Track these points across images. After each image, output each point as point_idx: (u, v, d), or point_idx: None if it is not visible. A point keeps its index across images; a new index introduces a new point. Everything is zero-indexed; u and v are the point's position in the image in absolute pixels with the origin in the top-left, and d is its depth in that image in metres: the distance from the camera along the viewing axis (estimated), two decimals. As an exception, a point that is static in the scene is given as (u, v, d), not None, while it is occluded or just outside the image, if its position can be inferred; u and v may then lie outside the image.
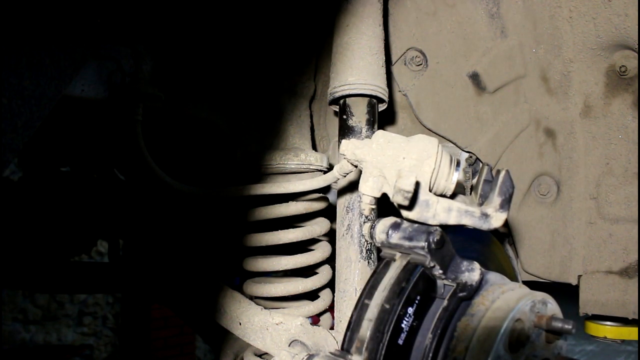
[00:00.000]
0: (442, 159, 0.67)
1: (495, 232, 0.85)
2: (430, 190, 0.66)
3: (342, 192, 1.07)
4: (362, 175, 0.68)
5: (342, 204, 1.07)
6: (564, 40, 1.15)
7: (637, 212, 1.19)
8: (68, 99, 0.95)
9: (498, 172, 0.65)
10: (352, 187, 1.04)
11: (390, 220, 0.72)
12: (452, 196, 0.70)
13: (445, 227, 0.68)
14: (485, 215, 0.61)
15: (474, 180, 0.73)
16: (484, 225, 0.61)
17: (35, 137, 0.89)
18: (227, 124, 1.32)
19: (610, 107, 1.18)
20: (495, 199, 0.61)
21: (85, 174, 2.14)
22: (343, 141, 0.72)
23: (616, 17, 1.08)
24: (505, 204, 0.61)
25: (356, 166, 0.73)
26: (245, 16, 1.24)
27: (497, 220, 0.61)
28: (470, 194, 0.73)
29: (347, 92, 1.03)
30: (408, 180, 0.60)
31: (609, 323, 1.50)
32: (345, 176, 0.80)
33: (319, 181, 0.92)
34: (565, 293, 1.30)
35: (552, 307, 1.11)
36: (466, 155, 1.28)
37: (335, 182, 1.19)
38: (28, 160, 2.10)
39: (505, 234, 1.29)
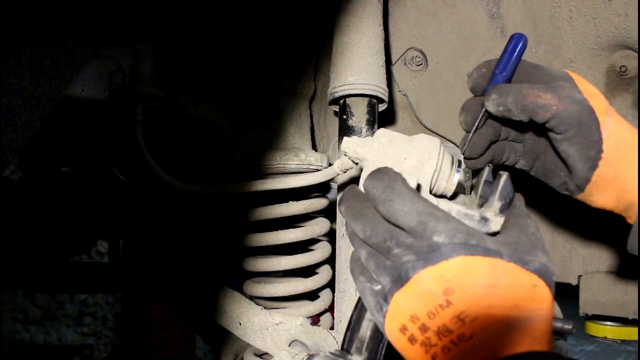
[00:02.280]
0: (443, 161, 0.67)
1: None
2: (430, 191, 0.66)
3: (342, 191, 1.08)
4: (362, 174, 0.68)
5: (342, 204, 1.06)
6: (564, 40, 1.15)
7: (637, 213, 1.19)
8: (68, 99, 0.95)
9: (499, 174, 0.65)
10: (352, 187, 1.04)
11: (390, 220, 0.72)
12: (453, 196, 0.70)
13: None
14: (484, 219, 0.61)
15: (474, 180, 0.73)
16: (483, 229, 0.61)
17: (35, 137, 0.89)
18: (227, 124, 1.32)
19: (610, 107, 1.18)
20: (496, 204, 0.62)
21: (85, 174, 2.14)
22: (345, 138, 0.72)
23: (616, 17, 1.08)
24: (505, 208, 0.62)
25: (357, 163, 0.73)
26: (245, 16, 1.24)
27: (496, 224, 0.61)
28: (470, 193, 0.73)
29: (347, 92, 1.03)
30: (409, 182, 0.60)
31: (609, 323, 1.50)
32: (345, 172, 0.80)
33: (318, 176, 0.93)
34: (565, 293, 1.30)
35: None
36: (466, 155, 1.28)
37: (336, 177, 1.19)
38: (28, 160, 2.10)
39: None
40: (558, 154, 0.70)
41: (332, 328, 1.17)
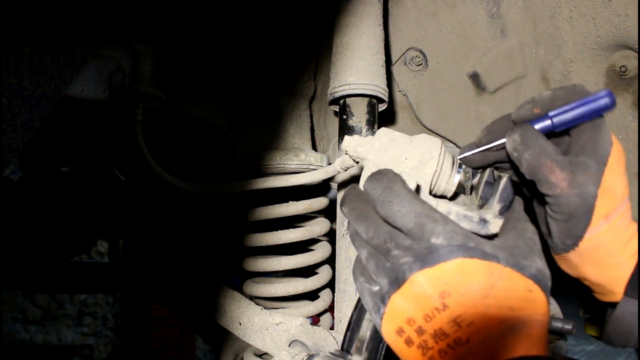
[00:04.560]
0: (444, 161, 0.66)
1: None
2: (430, 192, 0.66)
3: (342, 191, 1.07)
4: (362, 174, 0.67)
5: (342, 204, 1.06)
6: (564, 40, 1.15)
7: (637, 212, 1.19)
8: (68, 99, 0.95)
9: (500, 176, 0.65)
10: (352, 187, 1.04)
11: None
12: (453, 196, 0.70)
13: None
14: (483, 221, 0.61)
15: (474, 181, 0.73)
16: (482, 231, 0.61)
17: (35, 137, 0.89)
18: (227, 124, 1.32)
19: (610, 107, 1.18)
20: (495, 206, 0.62)
21: (85, 174, 2.14)
22: (346, 137, 0.71)
23: (616, 17, 1.08)
24: (505, 210, 0.62)
25: (357, 162, 0.73)
26: (246, 16, 1.24)
27: (495, 226, 0.61)
28: (471, 193, 0.73)
29: (347, 92, 1.03)
30: (409, 183, 0.60)
31: (609, 323, 1.49)
32: (346, 170, 0.80)
33: (320, 173, 0.93)
34: (565, 293, 1.30)
35: (552, 307, 1.10)
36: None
37: (335, 176, 1.19)
38: (28, 160, 2.10)
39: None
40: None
41: (332, 328, 1.17)
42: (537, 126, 0.64)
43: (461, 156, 0.72)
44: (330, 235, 1.26)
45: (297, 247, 1.22)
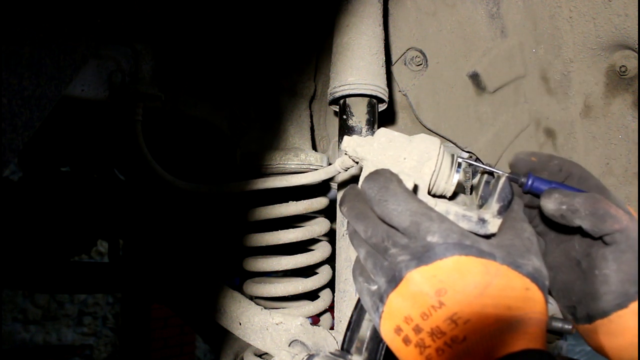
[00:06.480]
0: (443, 161, 0.66)
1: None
2: (429, 192, 0.66)
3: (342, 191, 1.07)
4: (362, 174, 0.68)
5: (342, 204, 1.06)
6: (564, 40, 1.15)
7: (637, 212, 1.19)
8: (68, 99, 0.95)
9: (498, 176, 0.65)
10: (352, 187, 1.04)
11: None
12: (453, 196, 0.70)
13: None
14: (482, 221, 0.61)
15: (474, 180, 0.73)
16: (481, 231, 0.61)
17: (35, 137, 0.89)
18: (227, 124, 1.32)
19: (610, 107, 1.18)
20: (494, 205, 0.61)
21: (85, 174, 2.14)
22: (345, 137, 0.72)
23: (616, 17, 1.08)
24: (503, 210, 0.62)
25: (357, 162, 0.74)
26: (246, 16, 1.24)
27: (494, 226, 0.61)
28: (471, 193, 0.73)
29: (347, 92, 1.03)
30: (406, 182, 0.60)
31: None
32: (346, 170, 0.80)
33: (320, 174, 0.93)
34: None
35: (552, 307, 1.10)
36: (466, 155, 1.28)
37: (335, 176, 1.19)
38: (28, 160, 2.10)
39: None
40: (589, 273, 0.62)
41: (332, 328, 1.17)
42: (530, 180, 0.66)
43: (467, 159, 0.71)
44: (330, 235, 1.26)
45: (297, 247, 1.22)
